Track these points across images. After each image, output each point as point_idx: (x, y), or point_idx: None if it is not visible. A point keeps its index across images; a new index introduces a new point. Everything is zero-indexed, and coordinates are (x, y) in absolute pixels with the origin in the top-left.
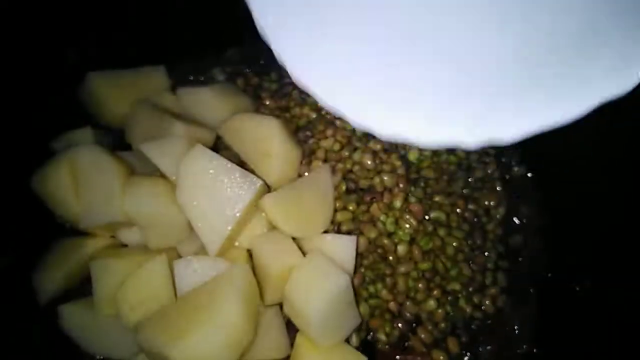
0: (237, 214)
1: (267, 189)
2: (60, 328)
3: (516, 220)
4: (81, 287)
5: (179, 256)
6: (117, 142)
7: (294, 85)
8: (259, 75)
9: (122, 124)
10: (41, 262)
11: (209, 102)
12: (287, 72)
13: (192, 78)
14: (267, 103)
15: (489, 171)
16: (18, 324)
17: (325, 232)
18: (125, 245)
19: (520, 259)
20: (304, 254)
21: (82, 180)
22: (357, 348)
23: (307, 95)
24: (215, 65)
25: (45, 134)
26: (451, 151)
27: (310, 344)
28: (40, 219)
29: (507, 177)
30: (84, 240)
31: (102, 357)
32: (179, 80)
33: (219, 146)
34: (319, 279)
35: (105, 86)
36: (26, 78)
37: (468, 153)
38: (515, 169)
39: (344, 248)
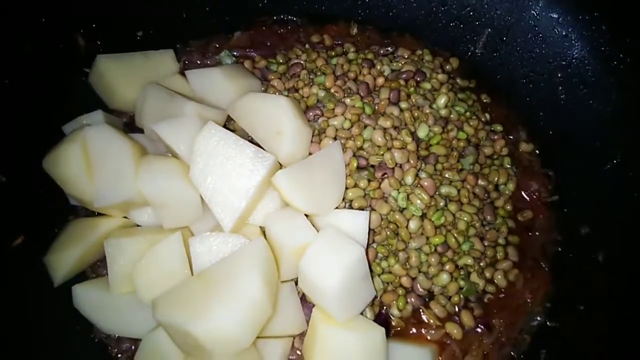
0: (251, 190)
1: (279, 166)
2: (75, 308)
3: (526, 196)
4: (95, 268)
5: (193, 235)
6: (128, 125)
7: (302, 66)
8: (266, 58)
9: (132, 108)
10: (55, 243)
11: (218, 83)
12: (293, 54)
13: (199, 62)
14: (276, 84)
15: (497, 148)
16: (32, 304)
17: (337, 208)
18: (139, 226)
19: (530, 233)
20: (317, 230)
21: (95, 160)
22: None
23: (315, 75)
24: (222, 48)
25: (57, 117)
26: (460, 128)
27: (326, 318)
28: (54, 201)
29: (516, 154)
30: (97, 221)
31: (117, 336)
32: (188, 64)
33: (229, 127)
34: (333, 253)
35: (115, 70)
36: (37, 63)
37: (477, 130)
38: (524, 145)
39: (356, 223)
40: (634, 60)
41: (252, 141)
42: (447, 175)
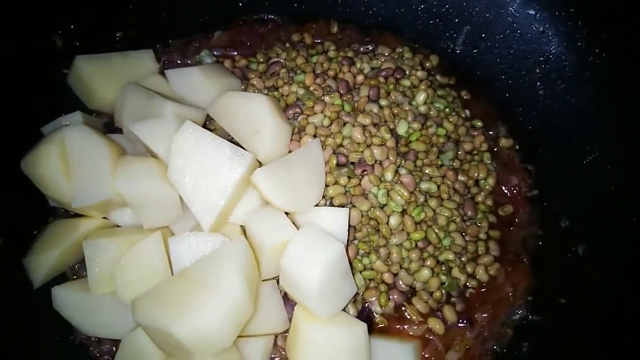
0: (230, 189)
1: (259, 164)
2: (55, 310)
3: (506, 191)
4: (75, 269)
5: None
6: (108, 126)
7: (281, 65)
8: (246, 57)
9: (112, 108)
10: (34, 244)
11: (198, 82)
12: (273, 53)
13: (179, 62)
14: (255, 83)
15: (477, 144)
16: (12, 307)
17: (318, 206)
18: (119, 227)
19: (511, 228)
20: (297, 228)
21: (73, 161)
22: None
23: (295, 73)
24: (202, 48)
25: (36, 119)
26: (440, 124)
27: (308, 315)
28: (33, 202)
29: (496, 149)
30: (77, 222)
31: (97, 337)
32: (168, 64)
33: (209, 127)
34: (313, 249)
35: (94, 70)
36: (15, 64)
37: (456, 126)
38: (503, 140)
39: (336, 219)
40: (610, 55)
41: (232, 141)
42: (427, 171)
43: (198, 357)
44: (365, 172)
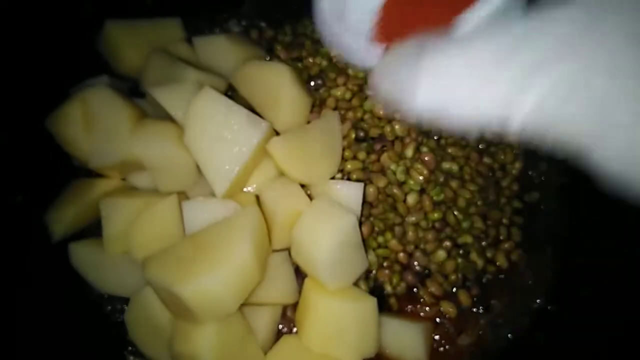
0: (244, 156)
1: (276, 133)
2: (71, 265)
3: (534, 177)
4: (94, 228)
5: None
6: (133, 90)
7: (307, 37)
8: (274, 29)
9: (138, 73)
10: (54, 201)
11: (223, 50)
12: (301, 26)
13: (208, 31)
14: (281, 55)
15: None
16: (31, 260)
17: (334, 179)
18: (137, 189)
19: (537, 215)
20: (311, 200)
21: (93, 120)
22: None
23: (321, 45)
24: (231, 18)
25: (64, 81)
26: None
27: (318, 287)
28: (56, 160)
29: None
30: (96, 181)
31: (110, 294)
32: (195, 32)
33: (232, 95)
34: (325, 220)
35: (122, 35)
36: (45, 27)
37: None
38: None
39: (350, 193)
40: None
41: (253, 111)
42: (449, 151)
43: (202, 320)
44: (385, 148)
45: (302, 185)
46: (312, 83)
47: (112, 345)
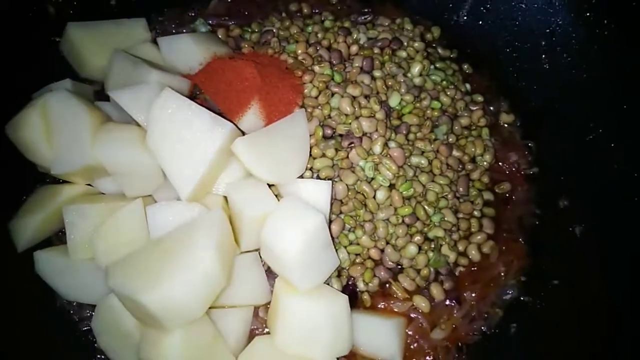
0: (208, 158)
1: (241, 133)
2: (37, 274)
3: (504, 168)
4: (60, 236)
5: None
6: (99, 93)
7: (273, 34)
8: (241, 26)
9: (103, 76)
10: (20, 209)
11: (187, 49)
12: (269, 23)
13: (174, 31)
14: (246, 52)
15: (474, 119)
16: None
17: (304, 178)
18: (103, 194)
19: (507, 206)
20: (279, 200)
21: (54, 126)
22: None
23: (287, 43)
24: (197, 17)
25: (27, 86)
26: (435, 97)
27: (289, 288)
28: (21, 166)
29: (496, 125)
30: (61, 187)
31: (77, 303)
32: (161, 33)
33: (198, 96)
34: (294, 220)
35: (85, 37)
36: (7, 31)
37: (454, 100)
38: (504, 116)
39: (318, 191)
40: (619, 26)
41: (219, 113)
42: (418, 146)
43: (168, 326)
44: (353, 145)
45: (271, 185)
46: None
47: (81, 354)
